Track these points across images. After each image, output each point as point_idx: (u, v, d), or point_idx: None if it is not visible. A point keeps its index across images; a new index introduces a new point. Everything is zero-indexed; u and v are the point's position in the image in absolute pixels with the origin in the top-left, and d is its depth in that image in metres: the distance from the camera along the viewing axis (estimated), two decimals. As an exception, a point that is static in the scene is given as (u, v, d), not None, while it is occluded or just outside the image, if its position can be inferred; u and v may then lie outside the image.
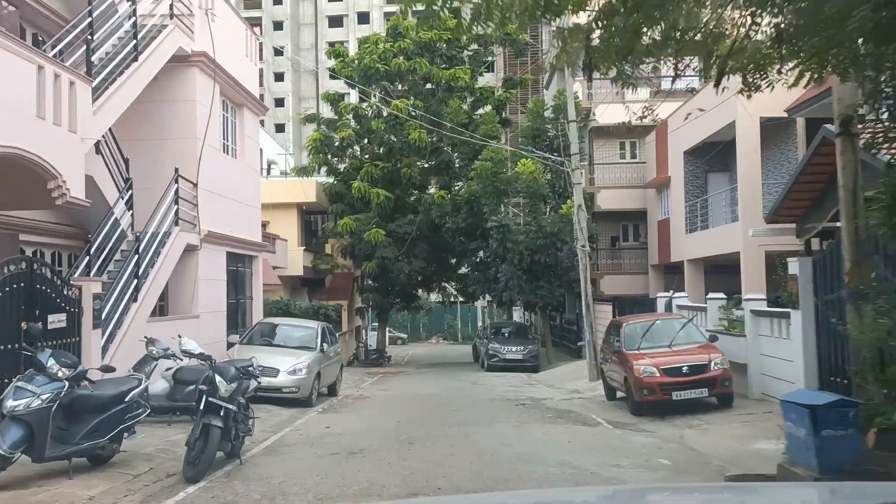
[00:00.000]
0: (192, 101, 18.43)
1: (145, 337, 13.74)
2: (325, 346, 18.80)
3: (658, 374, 14.90)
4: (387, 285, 36.62)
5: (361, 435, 13.40)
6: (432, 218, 34.36)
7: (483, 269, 33.64)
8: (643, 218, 33.36)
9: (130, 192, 16.87)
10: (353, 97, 39.51)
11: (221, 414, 9.95)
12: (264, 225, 34.33)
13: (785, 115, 22.25)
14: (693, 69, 31.32)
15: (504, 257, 30.76)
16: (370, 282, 36.85)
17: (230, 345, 18.42)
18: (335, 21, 74.11)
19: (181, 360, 13.62)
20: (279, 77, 71.69)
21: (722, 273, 29.46)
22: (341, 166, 37.23)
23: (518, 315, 49.75)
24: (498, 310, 58.42)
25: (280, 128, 69.32)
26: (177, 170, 17.23)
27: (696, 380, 14.76)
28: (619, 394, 17.64)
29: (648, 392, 14.93)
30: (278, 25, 72.11)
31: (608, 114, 30.27)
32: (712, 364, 14.93)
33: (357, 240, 34.52)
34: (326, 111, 40.11)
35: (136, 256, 15.26)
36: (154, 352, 13.42)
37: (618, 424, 14.43)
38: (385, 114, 35.51)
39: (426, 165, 36.15)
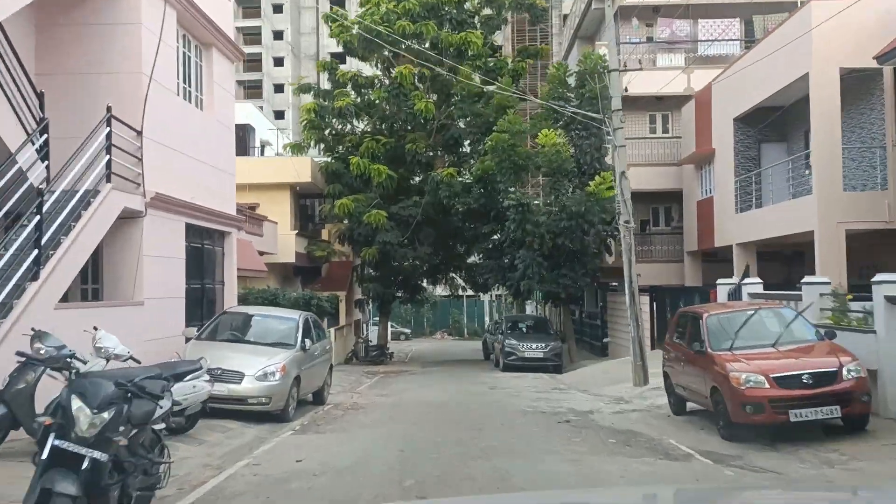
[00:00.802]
0: (135, 24, 13.74)
1: (32, 330, 9.07)
2: (307, 342, 14.10)
3: (768, 386, 10.22)
4: (389, 275, 31.99)
5: (346, 476, 8.74)
6: (440, 199, 29.72)
7: (497, 255, 28.97)
8: (677, 199, 28.67)
9: (45, 136, 12.21)
10: (354, 68, 34.79)
11: (84, 467, 5.37)
12: (253, 207, 29.82)
13: (870, 64, 17.66)
14: (734, 32, 26.08)
15: (522, 241, 26.12)
16: (370, 270, 32.24)
17: (189, 340, 13.83)
18: (337, 2, 69.48)
19: (86, 362, 8.95)
20: (278, 62, 66.98)
21: (775, 259, 24.85)
22: (339, 147, 32.61)
23: (530, 309, 45.10)
24: (507, 303, 53.83)
25: (280, 115, 64.65)
26: (109, 108, 12.56)
27: (822, 393, 10.07)
28: (692, 405, 13.03)
29: (754, 410, 10.23)
30: (278, 8, 67.25)
31: (638, 83, 25.66)
32: (845, 372, 10.27)
33: (356, 223, 29.91)
34: (324, 83, 35.40)
35: (38, 219, 10.63)
36: (42, 352, 8.76)
37: (717, 457, 9.74)
38: (387, 83, 30.88)
39: (432, 144, 31.51)
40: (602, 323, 29.78)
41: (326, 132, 32.53)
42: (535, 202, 25.97)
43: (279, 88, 66.45)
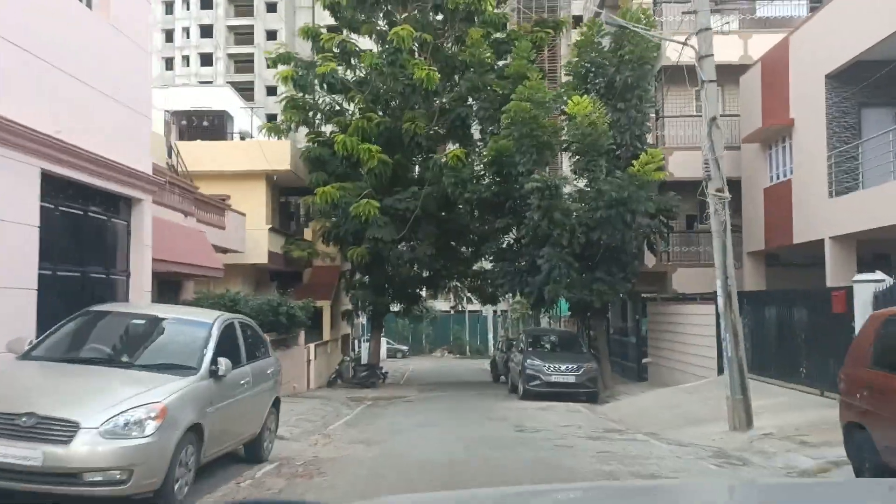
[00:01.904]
0: None
1: None
2: (223, 365, 7.73)
3: None
4: (382, 280, 25.70)
5: None
6: (444, 188, 23.58)
7: (512, 257, 22.69)
8: (733, 189, 22.36)
9: None
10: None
11: None
12: (223, 199, 23.66)
13: None
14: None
15: (547, 237, 19.86)
16: (359, 275, 25.96)
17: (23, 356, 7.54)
18: None
19: None
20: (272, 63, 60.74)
21: (879, 259, 18.59)
22: (325, 129, 26.48)
23: (542, 324, 38.73)
24: (514, 319, 47.44)
25: (273, 118, 58.57)
26: None
27: None
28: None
29: None
30: (271, 7, 60.92)
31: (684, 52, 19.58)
32: None
33: (342, 217, 23.70)
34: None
35: None
36: None
37: None
38: (381, 49, 24.77)
39: (435, 128, 25.31)
40: (639, 340, 23.45)
41: (311, 114, 26.39)
42: (567, 185, 19.64)
43: (272, 91, 60.50)
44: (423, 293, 31.19)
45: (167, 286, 19.48)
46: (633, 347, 23.88)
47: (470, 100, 25.05)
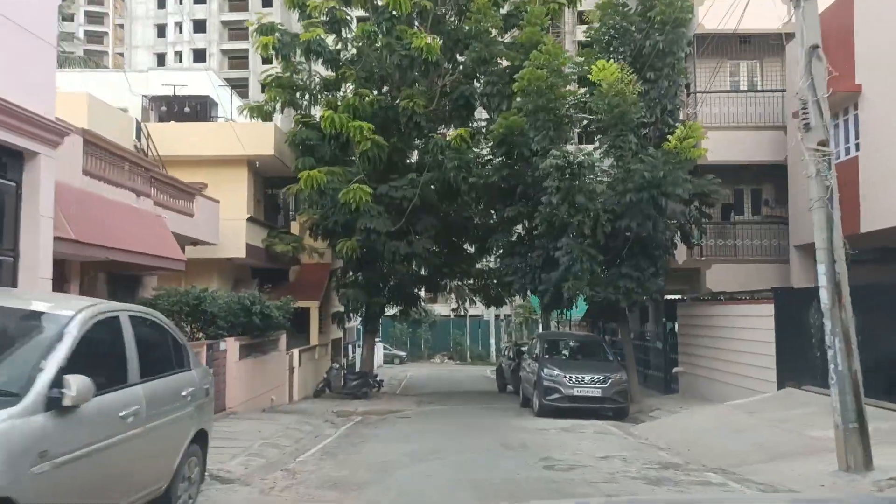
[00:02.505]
0: None
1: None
2: (73, 388, 4.38)
3: None
4: (376, 279, 22.35)
5: None
6: (445, 174, 20.29)
7: (524, 250, 19.35)
8: (776, 174, 19.14)
9: None
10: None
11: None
12: (199, 187, 20.37)
13: None
14: None
15: (566, 226, 16.55)
16: (351, 273, 22.57)
17: None
18: None
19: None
20: (267, 59, 57.39)
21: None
22: (316, 111, 23.19)
23: (552, 328, 35.33)
24: (517, 323, 44.08)
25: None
26: None
27: None
28: None
29: None
30: (267, 1, 56.97)
31: (715, 17, 16.38)
32: None
33: (331, 206, 20.37)
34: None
35: None
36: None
37: None
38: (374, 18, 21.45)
39: (436, 109, 21.97)
40: (666, 346, 20.05)
41: (298, 94, 23.10)
42: (591, 161, 16.23)
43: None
44: (422, 294, 27.81)
45: (122, 282, 16.14)
46: (657, 354, 20.50)
47: (475, 82, 21.70)
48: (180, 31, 56.36)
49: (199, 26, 55.98)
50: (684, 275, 19.81)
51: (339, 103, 21.05)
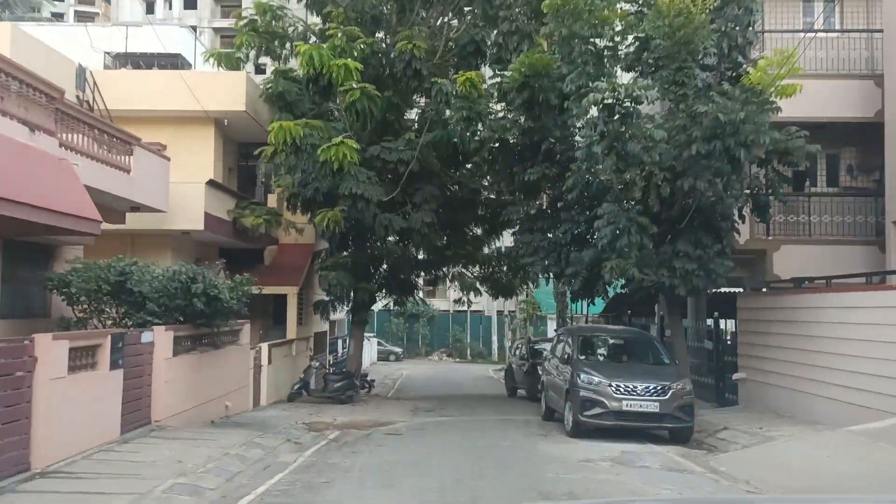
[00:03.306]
0: None
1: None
2: None
3: None
4: (365, 260, 18.05)
5: None
6: (451, 133, 16.08)
7: (547, 224, 15.05)
8: (865, 135, 14.81)
9: None
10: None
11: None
12: (158, 148, 16.08)
13: None
14: None
15: (606, 189, 12.30)
16: (337, 253, 18.22)
17: None
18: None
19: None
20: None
21: None
22: (295, 62, 18.85)
23: (553, 325, 31.00)
24: (522, 320, 39.67)
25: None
26: None
27: None
28: None
29: None
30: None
31: None
32: None
33: (311, 170, 16.06)
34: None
35: None
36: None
37: None
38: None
39: (439, 62, 17.68)
40: (723, 347, 15.70)
41: (276, 42, 18.80)
42: (650, 95, 11.82)
43: (260, 70, 53.06)
44: (421, 281, 23.36)
45: (24, 253, 11.85)
46: (705, 357, 16.13)
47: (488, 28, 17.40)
48: (170, 8, 52.00)
49: (190, 2, 51.69)
50: (742, 259, 15.47)
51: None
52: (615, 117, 11.35)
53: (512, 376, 20.30)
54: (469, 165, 18.83)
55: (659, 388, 10.97)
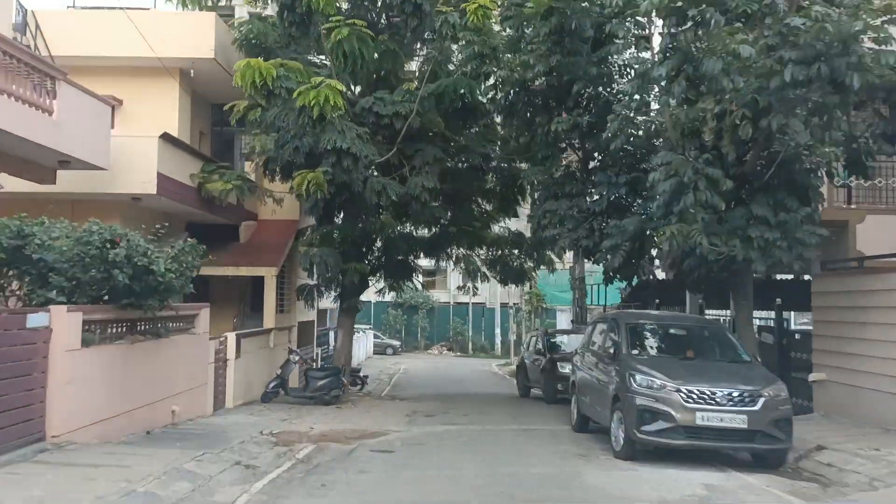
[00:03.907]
0: None
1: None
2: None
3: None
4: (354, 235, 14.86)
5: None
6: (458, 84, 12.95)
7: (576, 188, 11.87)
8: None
9: None
10: None
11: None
12: (117, 103, 12.85)
13: None
14: None
15: (662, 130, 9.12)
16: (322, 227, 15.01)
17: None
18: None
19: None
20: None
21: None
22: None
23: (564, 319, 27.87)
24: (528, 312, 36.42)
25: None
26: None
27: None
28: None
29: None
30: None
31: None
32: None
33: (288, 120, 12.86)
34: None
35: None
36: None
37: None
38: None
39: None
40: (785, 340, 12.51)
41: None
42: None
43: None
44: (421, 263, 19.95)
45: None
46: (770, 352, 12.90)
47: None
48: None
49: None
50: (840, 226, 12.19)
51: None
52: (687, 25, 8.13)
53: (525, 374, 17.12)
54: (477, 129, 15.66)
55: (746, 395, 7.81)
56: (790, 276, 14.50)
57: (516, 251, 17.44)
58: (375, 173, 13.51)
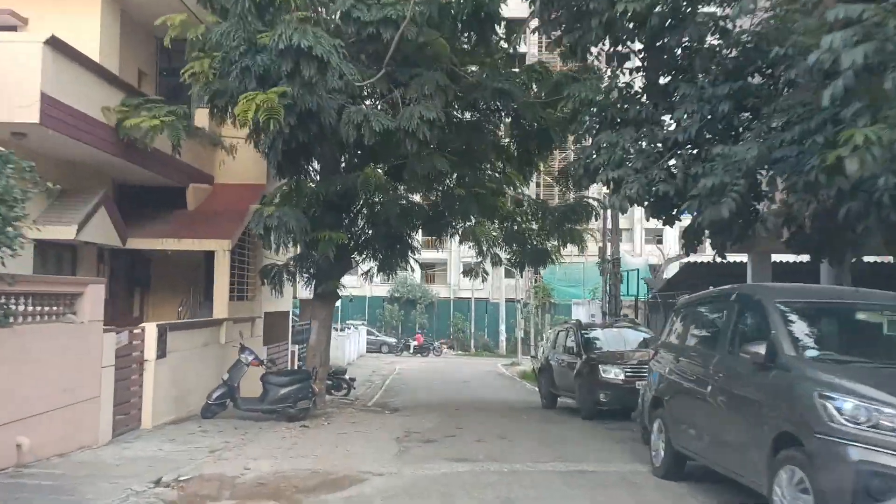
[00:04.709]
0: None
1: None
2: None
3: None
4: (329, 195, 10.73)
5: None
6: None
7: (647, 110, 7.78)
8: None
9: None
10: None
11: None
12: (20, 22, 8.63)
13: None
14: None
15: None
16: (284, 176, 10.92)
17: None
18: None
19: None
20: None
21: None
22: None
23: (584, 313, 23.75)
24: (537, 308, 32.29)
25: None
26: None
27: None
28: None
29: None
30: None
31: None
32: None
33: (234, 26, 8.76)
34: None
35: None
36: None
37: None
38: None
39: None
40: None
41: None
42: None
43: None
44: (420, 257, 15.71)
45: None
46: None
47: None
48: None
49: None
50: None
51: None
52: None
53: (550, 378, 12.98)
54: (491, 59, 11.59)
55: None
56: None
57: (535, 226, 13.38)
58: (355, 103, 9.42)
